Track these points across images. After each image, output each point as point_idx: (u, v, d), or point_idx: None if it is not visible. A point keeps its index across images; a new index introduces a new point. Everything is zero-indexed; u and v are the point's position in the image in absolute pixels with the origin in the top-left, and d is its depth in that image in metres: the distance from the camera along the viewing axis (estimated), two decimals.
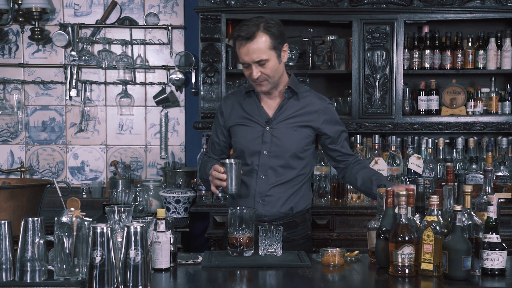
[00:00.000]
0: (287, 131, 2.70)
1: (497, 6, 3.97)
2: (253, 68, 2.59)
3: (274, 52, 2.59)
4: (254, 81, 2.64)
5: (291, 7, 3.98)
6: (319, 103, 2.75)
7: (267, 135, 2.70)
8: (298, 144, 2.70)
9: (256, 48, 2.55)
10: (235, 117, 2.78)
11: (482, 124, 4.04)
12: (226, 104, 2.83)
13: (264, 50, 2.56)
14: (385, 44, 4.01)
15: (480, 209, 2.40)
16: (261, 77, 2.61)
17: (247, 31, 2.55)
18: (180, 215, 3.82)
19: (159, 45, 4.38)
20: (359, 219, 3.72)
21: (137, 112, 4.42)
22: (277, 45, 2.60)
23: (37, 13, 4.16)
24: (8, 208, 2.57)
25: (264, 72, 2.60)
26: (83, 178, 4.42)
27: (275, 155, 2.70)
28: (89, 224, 2.07)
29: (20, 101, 4.36)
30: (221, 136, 2.84)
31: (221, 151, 2.89)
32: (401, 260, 2.18)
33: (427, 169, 3.86)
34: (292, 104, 2.73)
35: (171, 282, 2.19)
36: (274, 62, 2.61)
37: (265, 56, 2.57)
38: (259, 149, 2.71)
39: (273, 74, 2.62)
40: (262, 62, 2.58)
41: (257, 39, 2.55)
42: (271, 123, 2.71)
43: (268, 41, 2.57)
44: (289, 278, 2.23)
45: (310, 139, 2.74)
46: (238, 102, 2.79)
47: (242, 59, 2.60)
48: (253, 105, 2.76)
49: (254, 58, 2.56)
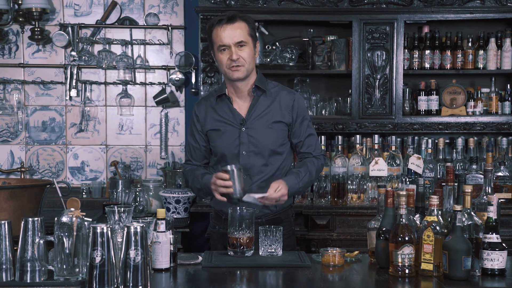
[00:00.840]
0: (262, 129, 2.74)
1: (497, 6, 3.97)
2: (232, 50, 2.66)
3: (251, 39, 2.71)
4: (231, 66, 2.69)
5: (291, 7, 3.98)
6: (288, 97, 2.79)
7: (243, 136, 2.74)
8: (275, 140, 2.75)
9: (238, 30, 2.67)
10: (210, 122, 2.81)
11: (482, 124, 4.04)
12: (200, 110, 2.86)
13: (244, 34, 2.68)
14: (385, 44, 4.01)
15: (480, 209, 2.40)
16: (240, 61, 2.67)
17: (228, 16, 2.68)
18: (180, 215, 3.82)
19: (159, 45, 4.38)
20: (359, 219, 3.72)
21: (137, 112, 4.42)
22: (253, 35, 2.72)
23: (37, 13, 4.16)
24: (8, 208, 2.57)
25: (242, 56, 2.67)
26: (83, 178, 4.42)
27: (254, 154, 2.74)
28: (89, 224, 2.07)
29: (20, 101, 4.36)
30: (201, 142, 2.86)
31: (203, 156, 2.90)
32: (401, 260, 2.18)
33: (427, 169, 3.86)
34: (262, 101, 2.77)
35: (171, 282, 2.19)
36: (250, 49, 2.70)
37: (245, 39, 2.67)
38: (237, 151, 2.74)
39: (249, 60, 2.70)
40: (242, 44, 2.67)
41: (239, 23, 2.68)
42: (246, 124, 2.75)
43: (247, 28, 2.69)
44: (289, 278, 2.23)
45: (285, 134, 2.79)
46: (211, 107, 2.83)
47: (222, 42, 2.67)
48: (226, 108, 2.79)
49: (236, 39, 2.66)
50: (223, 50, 2.69)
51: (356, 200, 3.82)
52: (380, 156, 3.80)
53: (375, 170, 3.77)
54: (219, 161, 2.81)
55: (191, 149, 2.91)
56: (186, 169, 2.91)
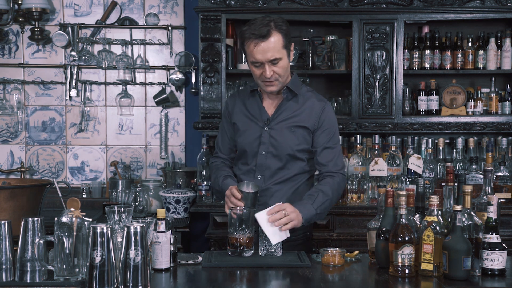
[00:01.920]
0: (284, 132, 2.70)
1: (497, 6, 3.97)
2: (266, 67, 2.58)
3: (286, 51, 2.60)
4: (265, 81, 2.63)
5: (291, 7, 3.98)
6: (318, 105, 2.73)
7: (265, 136, 2.71)
8: (295, 145, 2.69)
9: (271, 47, 2.55)
10: (237, 114, 2.79)
11: (482, 124, 4.04)
12: (231, 100, 2.86)
13: (278, 48, 2.56)
14: (385, 44, 4.01)
15: (480, 209, 2.40)
16: (273, 77, 2.60)
17: (260, 30, 2.54)
18: (180, 215, 3.82)
19: (159, 45, 4.38)
20: (359, 219, 3.72)
21: (137, 112, 4.42)
22: (287, 44, 2.60)
23: (37, 13, 4.16)
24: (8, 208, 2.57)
25: (276, 71, 2.59)
26: (83, 178, 4.42)
27: (272, 155, 2.70)
28: (89, 224, 2.07)
29: (20, 101, 4.36)
30: (229, 133, 2.84)
31: (230, 149, 2.87)
32: (401, 260, 2.18)
33: (427, 169, 3.86)
34: (291, 104, 2.72)
35: (171, 282, 2.19)
36: (285, 61, 2.61)
37: (279, 54, 2.57)
38: (257, 150, 2.72)
39: (284, 73, 2.63)
40: (276, 61, 2.57)
41: (272, 38, 2.55)
42: (270, 124, 2.71)
43: (281, 40, 2.57)
44: (289, 278, 2.23)
45: (307, 140, 2.72)
46: (242, 101, 2.81)
47: (255, 58, 2.57)
48: (255, 104, 2.77)
49: (269, 57, 2.56)
50: (256, 66, 2.61)
51: (356, 200, 3.82)
52: (380, 156, 3.80)
53: (375, 170, 3.77)
54: (240, 157, 2.79)
55: (220, 140, 2.89)
56: (213, 163, 2.88)
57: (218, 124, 3.99)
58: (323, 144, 2.70)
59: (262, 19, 2.59)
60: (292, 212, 2.49)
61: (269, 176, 2.71)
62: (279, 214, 2.46)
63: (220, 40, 3.99)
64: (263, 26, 2.55)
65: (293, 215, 2.49)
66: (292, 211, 2.50)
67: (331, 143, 2.71)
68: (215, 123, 4.00)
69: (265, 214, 2.46)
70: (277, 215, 2.46)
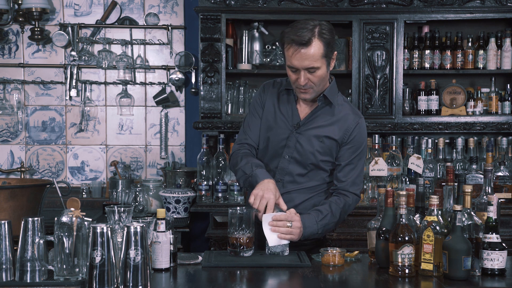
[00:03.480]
0: (312, 140, 2.59)
1: (497, 6, 3.97)
2: (301, 74, 2.46)
3: (325, 60, 2.48)
4: (299, 88, 2.52)
5: (291, 7, 3.98)
6: (352, 119, 2.61)
7: (292, 139, 2.61)
8: (320, 155, 2.59)
9: (310, 55, 2.43)
10: (269, 110, 2.67)
11: (482, 124, 4.04)
12: (267, 90, 2.71)
13: (317, 57, 2.44)
14: (385, 44, 4.01)
15: (480, 209, 2.40)
16: (308, 85, 2.49)
17: (302, 36, 2.41)
18: (180, 215, 3.82)
19: (159, 45, 4.38)
20: (359, 219, 3.72)
21: (137, 112, 4.42)
22: (328, 53, 2.48)
23: (37, 13, 4.16)
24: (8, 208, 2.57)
25: (312, 79, 2.48)
26: (83, 178, 4.42)
27: (295, 161, 2.62)
28: (89, 224, 2.07)
29: (20, 101, 4.36)
30: (258, 117, 2.69)
31: (258, 136, 2.70)
32: (401, 260, 2.18)
33: (427, 169, 3.86)
34: (324, 113, 2.61)
35: (171, 282, 2.19)
36: (323, 71, 2.49)
37: (317, 64, 2.45)
38: (281, 152, 2.63)
39: (320, 82, 2.51)
40: (313, 70, 2.46)
41: (312, 46, 2.43)
42: (299, 128, 2.61)
43: (321, 49, 2.44)
44: (289, 278, 2.23)
45: (334, 152, 2.61)
46: (276, 95, 2.68)
47: (292, 64, 2.46)
48: (289, 104, 2.66)
49: (306, 65, 2.44)
50: (293, 70, 2.49)
51: None
52: (380, 156, 3.80)
53: (375, 170, 3.77)
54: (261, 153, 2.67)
55: (249, 124, 2.70)
56: (239, 150, 2.67)
57: (218, 124, 4.00)
58: (347, 160, 2.60)
59: (306, 22, 2.46)
60: (296, 228, 2.44)
61: (288, 181, 2.64)
62: (282, 223, 2.42)
63: (220, 40, 3.99)
64: (306, 32, 2.43)
65: (296, 231, 2.44)
66: (297, 226, 2.45)
67: (355, 161, 2.61)
68: (215, 123, 4.00)
69: (271, 218, 2.45)
70: (280, 224, 2.42)
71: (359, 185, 2.65)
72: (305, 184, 2.64)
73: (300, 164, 2.62)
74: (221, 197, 3.85)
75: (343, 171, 2.61)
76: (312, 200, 2.65)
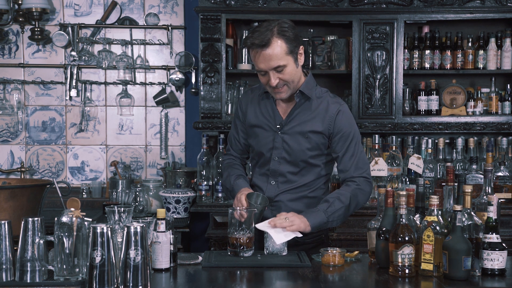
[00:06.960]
0: (297, 138, 2.60)
1: (497, 6, 3.97)
2: (270, 76, 2.47)
3: (291, 56, 2.48)
4: (273, 89, 2.52)
5: (291, 7, 3.98)
6: (333, 107, 2.59)
7: (278, 140, 2.62)
8: (309, 152, 2.60)
9: (273, 55, 2.43)
10: (251, 116, 2.70)
11: (482, 124, 4.04)
12: (245, 100, 2.75)
13: (281, 56, 2.45)
14: (385, 44, 4.01)
15: (480, 209, 2.40)
16: (280, 83, 2.50)
17: (260, 38, 2.42)
18: (180, 215, 3.82)
19: (159, 45, 4.38)
20: (359, 219, 3.72)
21: (137, 112, 4.42)
22: (293, 49, 2.48)
23: (37, 13, 4.16)
24: (8, 208, 2.57)
25: (282, 78, 2.48)
26: (83, 178, 4.42)
27: (285, 161, 2.63)
28: (89, 224, 2.07)
29: (20, 101, 4.36)
30: (241, 133, 2.75)
31: (241, 150, 2.80)
32: (401, 260, 2.18)
33: (427, 169, 3.86)
34: (305, 108, 2.61)
35: (171, 282, 2.19)
36: (291, 67, 2.49)
37: (282, 62, 2.45)
38: (270, 155, 2.64)
39: (292, 78, 2.51)
40: (280, 69, 2.46)
41: (273, 45, 2.43)
42: (283, 128, 2.62)
43: (284, 46, 2.45)
44: (289, 278, 2.23)
45: (323, 145, 2.61)
46: (256, 101, 2.70)
47: (258, 67, 2.48)
48: (269, 106, 2.67)
49: (272, 65, 2.45)
50: (262, 74, 2.51)
51: None
52: (380, 156, 3.80)
53: (375, 170, 3.77)
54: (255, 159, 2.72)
55: (231, 138, 2.80)
56: (225, 161, 2.81)
57: (218, 124, 4.00)
58: (342, 150, 2.58)
59: (267, 24, 2.48)
60: (295, 218, 2.44)
61: (282, 182, 2.65)
62: (280, 220, 2.44)
63: (220, 40, 3.99)
64: (264, 32, 2.43)
65: (296, 220, 2.44)
66: (295, 217, 2.45)
67: (351, 148, 2.59)
68: (215, 123, 4.00)
69: (267, 223, 2.46)
70: (278, 221, 2.44)
71: (363, 167, 2.61)
72: (300, 181, 2.64)
73: (291, 163, 2.63)
74: (221, 197, 3.85)
75: (343, 162, 2.60)
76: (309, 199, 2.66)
